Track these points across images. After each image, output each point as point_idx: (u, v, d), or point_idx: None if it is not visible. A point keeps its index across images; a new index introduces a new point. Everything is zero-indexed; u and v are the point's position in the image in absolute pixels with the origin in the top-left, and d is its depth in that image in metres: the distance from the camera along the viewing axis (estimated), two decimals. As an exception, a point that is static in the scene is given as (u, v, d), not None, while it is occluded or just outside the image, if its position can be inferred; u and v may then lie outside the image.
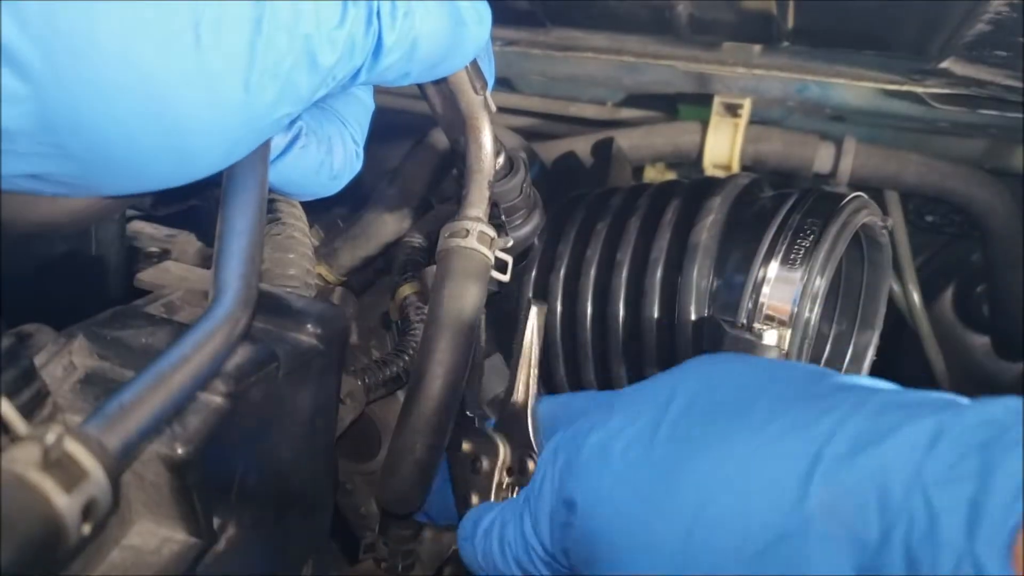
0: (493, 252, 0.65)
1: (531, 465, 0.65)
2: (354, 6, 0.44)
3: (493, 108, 0.66)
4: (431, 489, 0.64)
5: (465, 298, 0.62)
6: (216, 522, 0.50)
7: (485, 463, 0.67)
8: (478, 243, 0.63)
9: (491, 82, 0.64)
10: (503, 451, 0.67)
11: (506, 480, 0.67)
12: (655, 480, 0.48)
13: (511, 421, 0.67)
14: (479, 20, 0.52)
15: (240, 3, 0.39)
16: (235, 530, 0.52)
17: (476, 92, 0.64)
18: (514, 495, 0.67)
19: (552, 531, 0.55)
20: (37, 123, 0.37)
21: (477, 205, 0.66)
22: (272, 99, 0.42)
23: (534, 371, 0.66)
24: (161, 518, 0.49)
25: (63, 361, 0.50)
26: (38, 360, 0.49)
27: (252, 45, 0.40)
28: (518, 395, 0.66)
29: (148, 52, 0.37)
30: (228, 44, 0.39)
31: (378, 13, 0.45)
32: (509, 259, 0.67)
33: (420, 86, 0.67)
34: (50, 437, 0.34)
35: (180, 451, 0.46)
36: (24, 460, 0.33)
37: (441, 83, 0.64)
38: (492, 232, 0.65)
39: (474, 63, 0.63)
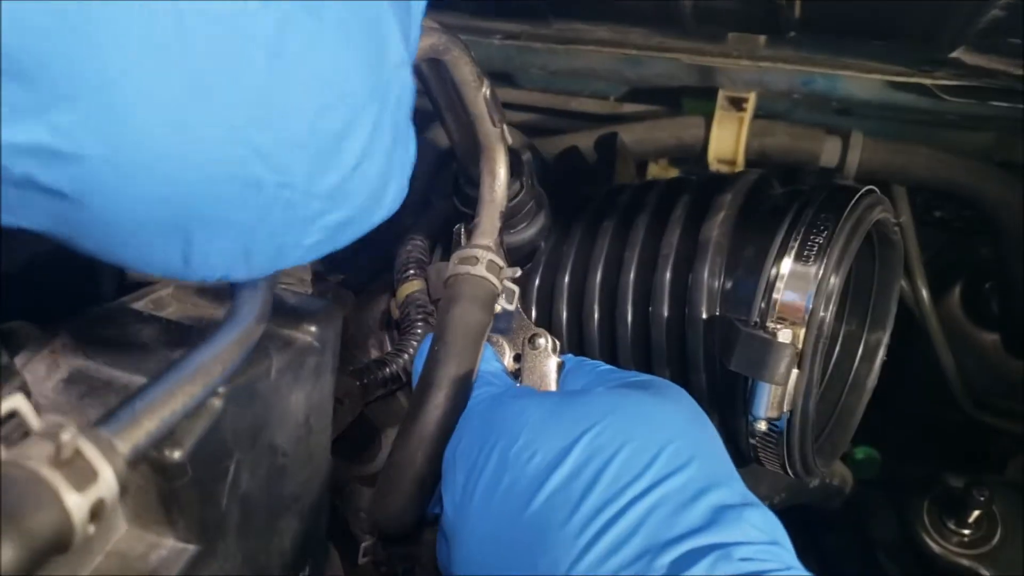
0: (501, 281, 0.67)
1: (541, 341, 0.69)
2: None
3: (510, 140, 0.69)
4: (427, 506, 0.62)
5: (472, 321, 0.63)
6: (206, 526, 0.48)
7: None
8: (487, 271, 0.66)
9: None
10: (507, 348, 0.71)
11: (514, 367, 0.70)
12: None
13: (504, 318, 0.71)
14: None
15: None
16: (226, 534, 0.50)
17: (494, 124, 0.67)
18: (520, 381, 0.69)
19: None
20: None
21: (488, 234, 0.68)
22: None
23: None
24: (148, 523, 0.47)
25: (46, 359, 0.48)
26: (20, 358, 0.48)
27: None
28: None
29: None
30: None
31: None
32: (516, 289, 0.69)
33: (439, 114, 0.70)
34: (64, 435, 0.34)
35: (168, 454, 0.44)
36: (37, 456, 0.33)
37: (460, 113, 0.68)
38: (501, 261, 0.67)
39: (494, 95, 0.66)
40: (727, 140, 1.18)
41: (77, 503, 0.33)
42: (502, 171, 0.69)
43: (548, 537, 0.49)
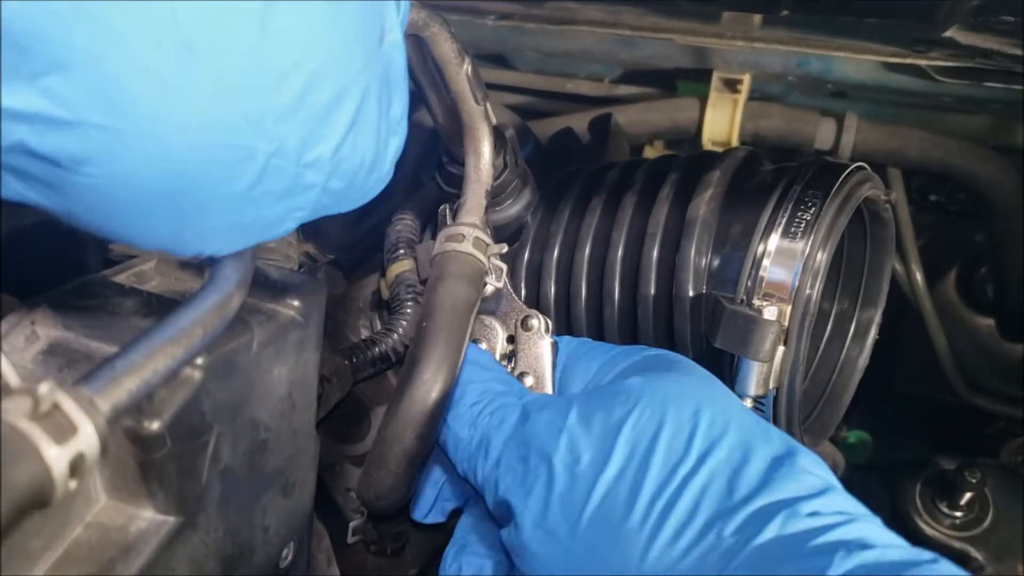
0: (488, 258, 0.67)
1: (534, 322, 0.69)
2: None
3: (494, 119, 0.69)
4: (415, 484, 0.62)
5: (459, 297, 0.63)
6: (186, 499, 0.47)
7: (483, 346, 0.71)
8: (474, 248, 0.66)
9: None
10: (499, 330, 0.71)
11: (508, 348, 0.71)
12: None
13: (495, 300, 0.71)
14: None
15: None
16: (207, 508, 0.50)
17: (477, 103, 0.67)
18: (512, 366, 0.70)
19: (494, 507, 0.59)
20: None
21: (474, 212, 0.68)
22: None
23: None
24: (127, 495, 0.47)
25: (25, 331, 0.48)
26: (-1, 330, 0.47)
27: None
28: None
29: None
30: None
31: None
32: (503, 266, 0.69)
33: (421, 93, 0.70)
34: (43, 389, 0.34)
35: (146, 425, 0.44)
36: (16, 410, 0.33)
37: (443, 92, 0.67)
38: (488, 239, 0.67)
39: (476, 72, 0.65)
40: (721, 122, 1.18)
41: (57, 456, 0.33)
42: (486, 150, 0.68)
43: (612, 535, 0.49)
